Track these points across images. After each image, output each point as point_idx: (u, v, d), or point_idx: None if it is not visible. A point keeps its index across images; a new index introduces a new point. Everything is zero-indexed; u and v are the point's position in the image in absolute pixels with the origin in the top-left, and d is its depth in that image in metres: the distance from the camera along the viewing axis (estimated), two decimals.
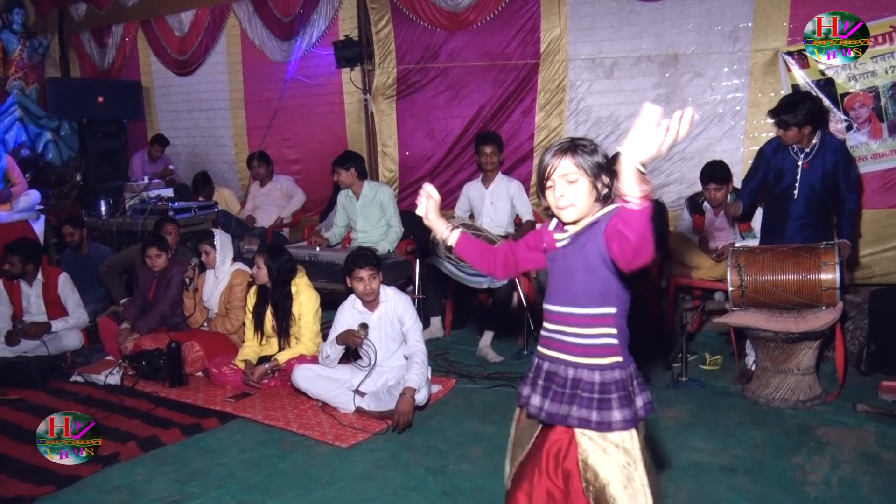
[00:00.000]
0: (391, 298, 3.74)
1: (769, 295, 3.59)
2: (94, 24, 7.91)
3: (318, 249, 4.90)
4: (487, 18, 5.47)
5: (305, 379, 3.74)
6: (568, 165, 1.77)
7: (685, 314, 4.27)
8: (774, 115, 3.71)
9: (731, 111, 4.78)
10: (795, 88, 4.47)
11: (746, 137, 4.73)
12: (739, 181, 4.21)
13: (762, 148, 3.94)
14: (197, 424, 3.59)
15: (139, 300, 4.71)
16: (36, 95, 8.33)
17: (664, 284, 4.63)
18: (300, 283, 4.17)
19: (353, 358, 3.86)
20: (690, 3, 4.79)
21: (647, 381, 3.99)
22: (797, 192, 3.74)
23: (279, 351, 4.14)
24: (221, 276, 4.54)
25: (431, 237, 3.55)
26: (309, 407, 3.77)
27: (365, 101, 6.14)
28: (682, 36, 4.87)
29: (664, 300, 4.60)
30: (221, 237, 4.57)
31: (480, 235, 3.56)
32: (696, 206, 4.59)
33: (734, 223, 4.38)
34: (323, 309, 4.25)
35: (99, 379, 4.24)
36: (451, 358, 4.49)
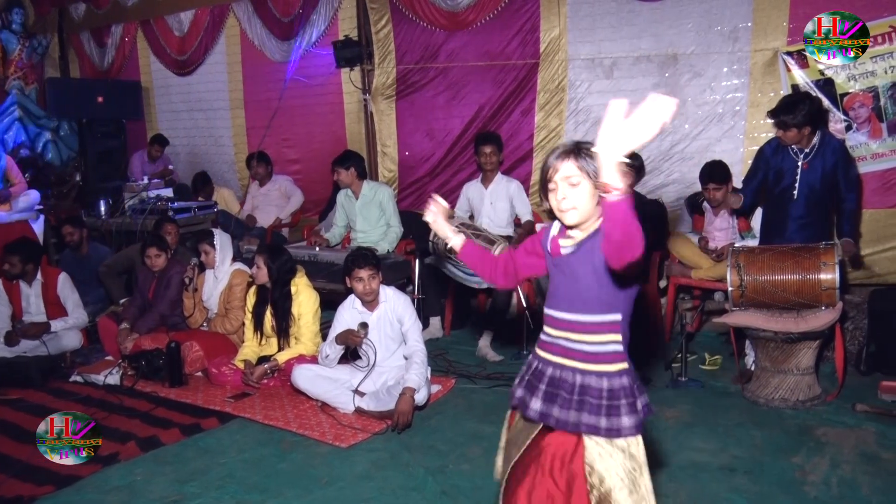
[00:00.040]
0: (391, 298, 3.74)
1: (769, 295, 3.59)
2: (93, 24, 7.91)
3: (317, 249, 4.90)
4: (487, 18, 5.47)
5: (305, 379, 3.74)
6: (571, 168, 1.76)
7: (685, 314, 4.27)
8: (774, 115, 3.71)
9: (730, 111, 4.77)
10: (795, 88, 4.47)
11: (746, 137, 4.73)
12: (739, 181, 4.21)
13: (762, 148, 3.94)
14: (196, 424, 3.59)
15: (139, 300, 4.72)
16: (35, 95, 8.33)
17: (664, 284, 4.64)
18: (300, 283, 4.17)
19: (352, 358, 3.86)
20: (690, 3, 4.79)
21: (646, 381, 3.99)
22: (797, 192, 3.74)
23: (279, 351, 4.14)
24: (221, 276, 4.54)
25: (431, 237, 3.56)
26: (308, 407, 3.78)
27: (364, 101, 6.14)
28: (681, 36, 4.86)
29: (664, 300, 4.61)
30: (221, 237, 4.57)
31: (481, 235, 3.55)
32: (695, 206, 4.60)
33: (733, 214, 4.37)
34: (322, 309, 4.25)
35: (98, 379, 4.25)
36: (450, 358, 4.49)
